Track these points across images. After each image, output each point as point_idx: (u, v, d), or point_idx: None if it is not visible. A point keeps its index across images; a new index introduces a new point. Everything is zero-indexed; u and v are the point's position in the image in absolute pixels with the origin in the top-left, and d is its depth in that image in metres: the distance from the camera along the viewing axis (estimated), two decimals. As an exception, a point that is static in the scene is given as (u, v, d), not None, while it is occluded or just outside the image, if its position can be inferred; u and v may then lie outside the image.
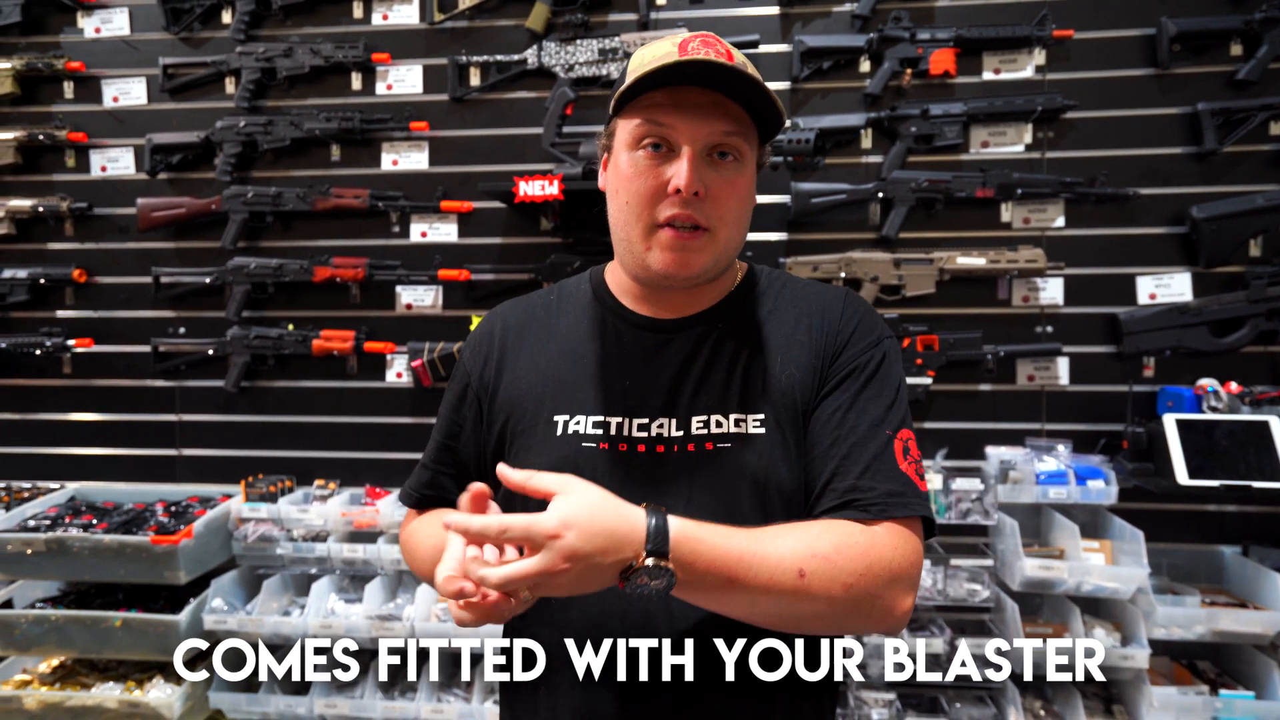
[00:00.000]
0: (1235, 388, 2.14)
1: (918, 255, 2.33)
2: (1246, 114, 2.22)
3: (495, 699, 2.22)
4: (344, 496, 2.46)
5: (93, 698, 2.23)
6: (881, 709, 2.15)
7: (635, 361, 0.97)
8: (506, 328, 1.05)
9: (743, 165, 0.93)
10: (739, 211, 0.95)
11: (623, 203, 0.94)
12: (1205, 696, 1.97)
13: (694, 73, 0.88)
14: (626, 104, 0.93)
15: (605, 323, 1.01)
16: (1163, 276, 2.30)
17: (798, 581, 0.81)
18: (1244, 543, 2.22)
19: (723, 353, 0.97)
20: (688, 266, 0.92)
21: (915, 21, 2.35)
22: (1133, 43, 2.30)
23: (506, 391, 1.00)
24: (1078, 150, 2.33)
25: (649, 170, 0.91)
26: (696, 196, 0.90)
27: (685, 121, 0.90)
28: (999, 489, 2.14)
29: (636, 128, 0.92)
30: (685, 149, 0.89)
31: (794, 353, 0.96)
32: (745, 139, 0.93)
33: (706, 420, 0.93)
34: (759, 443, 0.92)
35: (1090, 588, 2.04)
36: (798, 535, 0.84)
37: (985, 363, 2.31)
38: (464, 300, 2.52)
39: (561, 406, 0.96)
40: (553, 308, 1.05)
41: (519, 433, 0.98)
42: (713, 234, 0.92)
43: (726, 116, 0.90)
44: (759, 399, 0.94)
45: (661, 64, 0.87)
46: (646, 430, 0.94)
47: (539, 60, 2.45)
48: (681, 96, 0.90)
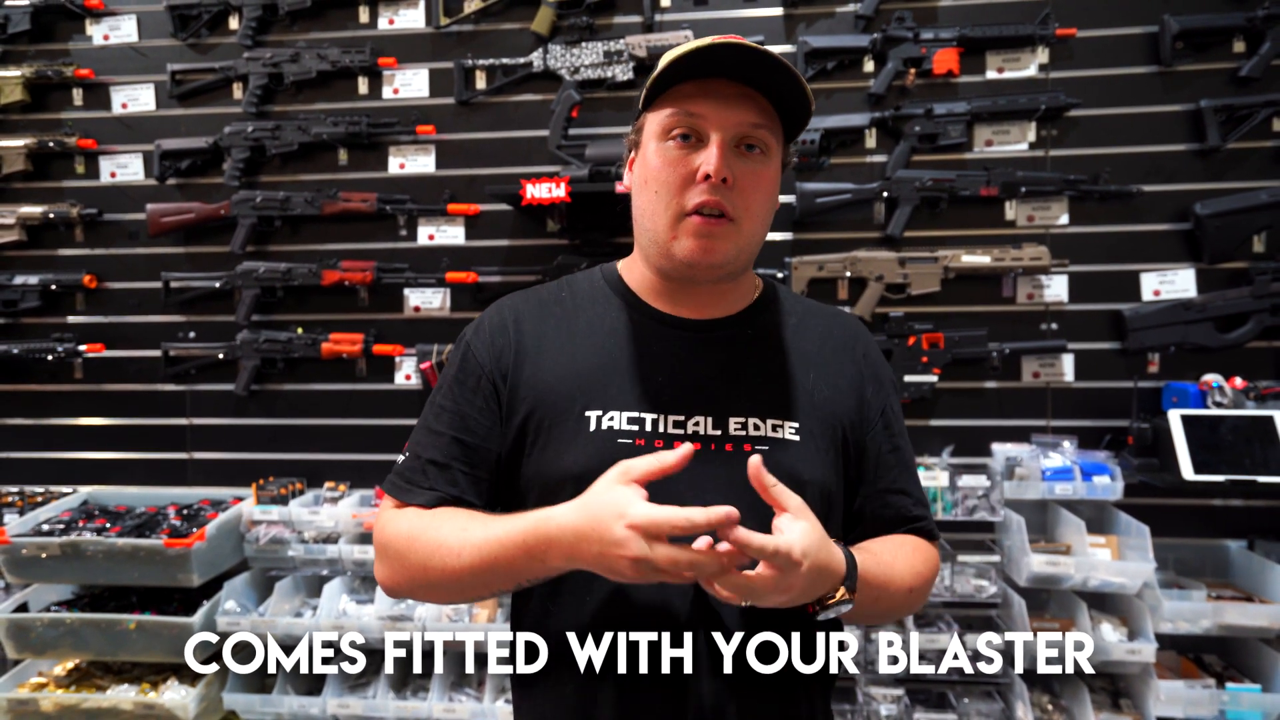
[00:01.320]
0: (1240, 383, 2.15)
1: (922, 254, 2.34)
2: (1249, 110, 2.23)
3: (507, 698, 2.24)
4: (354, 498, 2.48)
5: (108, 700, 2.25)
6: (890, 705, 2.17)
7: (668, 359, 0.98)
8: (520, 319, 1.02)
9: (769, 159, 0.95)
10: (763, 205, 0.97)
11: (651, 193, 0.95)
12: (1212, 690, 1.99)
13: (725, 57, 0.89)
14: (657, 96, 0.95)
15: (632, 319, 1.01)
16: (1167, 273, 2.31)
17: (907, 597, 0.99)
18: (1249, 537, 2.23)
19: (755, 358, 1.00)
20: (712, 254, 0.94)
21: (918, 21, 2.36)
22: (1135, 40, 2.32)
23: (530, 385, 0.98)
24: (1081, 148, 2.34)
25: (679, 159, 0.93)
26: (725, 184, 0.91)
27: (715, 110, 0.91)
28: (1005, 485, 2.15)
29: (667, 118, 0.94)
30: (715, 136, 0.92)
31: (826, 370, 1.02)
32: (772, 133, 0.95)
33: (744, 422, 0.95)
34: (794, 449, 0.96)
35: (1097, 583, 2.06)
36: (907, 559, 1.00)
37: (990, 360, 2.33)
38: (471, 302, 2.54)
39: (594, 402, 0.95)
40: (568, 303, 1.04)
41: (546, 428, 0.96)
42: (737, 224, 0.94)
43: (754, 108, 0.93)
44: (793, 408, 0.98)
45: (694, 47, 0.89)
46: (683, 428, 0.94)
47: (544, 63, 2.46)
48: (711, 88, 0.92)
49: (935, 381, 2.32)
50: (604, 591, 0.92)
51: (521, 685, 1.01)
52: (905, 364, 2.32)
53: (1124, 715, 2.06)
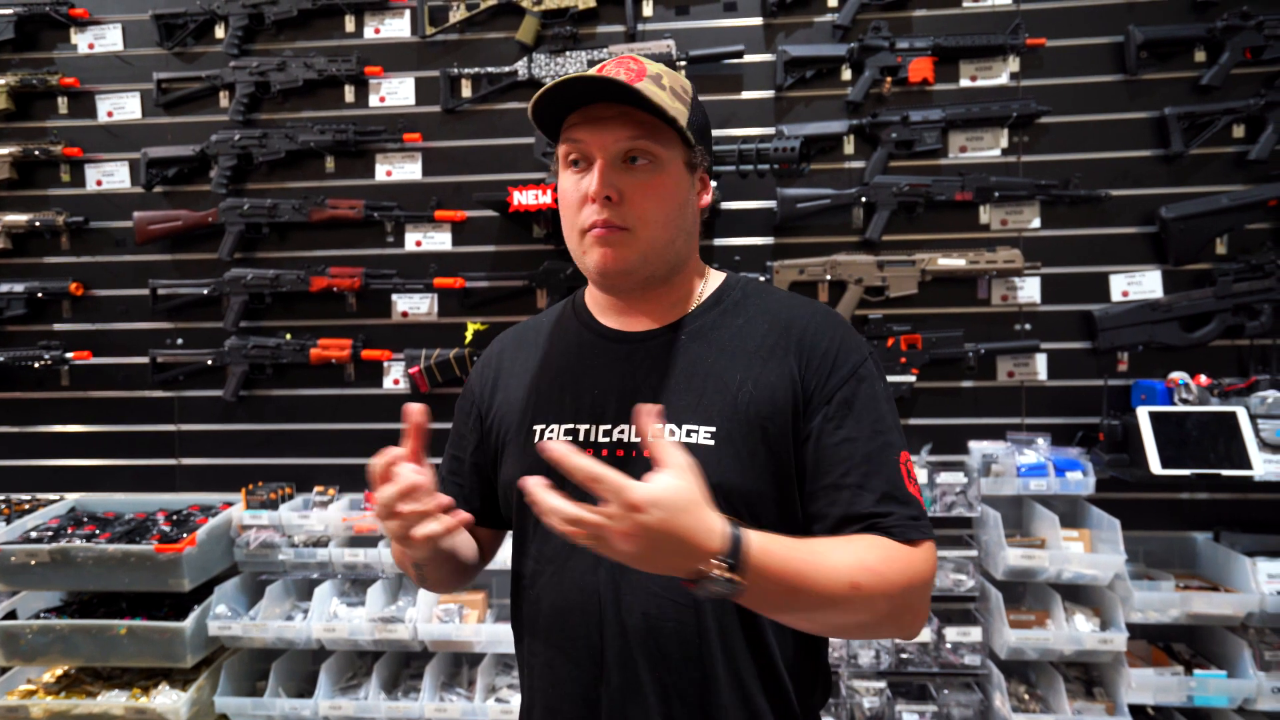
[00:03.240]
0: (1205, 380, 2.23)
1: (900, 257, 2.40)
2: (1211, 118, 2.31)
3: (497, 696, 2.27)
4: (344, 502, 2.51)
5: (99, 705, 2.26)
6: (872, 697, 2.22)
7: (603, 371, 1.04)
8: (504, 349, 1.16)
9: (658, 166, 0.99)
10: (660, 211, 0.99)
11: (564, 216, 1.03)
12: (1180, 677, 2.06)
13: (587, 86, 0.95)
14: (558, 131, 1.02)
15: (581, 337, 1.09)
16: (1134, 274, 2.39)
17: (851, 593, 0.86)
18: (1215, 529, 2.31)
19: (681, 364, 1.01)
20: (616, 261, 0.98)
21: (894, 31, 2.42)
22: (1102, 50, 2.39)
23: (499, 407, 1.11)
24: (1052, 154, 2.41)
25: (575, 184, 1.00)
26: (610, 201, 0.97)
27: (593, 134, 0.98)
28: (982, 482, 2.22)
29: (562, 148, 1.02)
30: (598, 158, 0.98)
31: (756, 368, 0.99)
32: (658, 142, 0.98)
33: (660, 429, 0.92)
34: (706, 454, 0.94)
35: (1070, 575, 2.12)
36: (849, 549, 0.89)
37: (967, 360, 2.39)
38: (459, 307, 2.57)
39: (539, 416, 1.05)
40: (543, 328, 1.15)
41: (506, 442, 1.08)
42: (633, 232, 0.98)
43: (631, 123, 0.97)
44: (712, 411, 0.98)
45: (548, 89, 0.95)
46: (610, 436, 1.00)
47: (529, 72, 2.51)
48: (590, 113, 0.98)
49: (913, 381, 2.38)
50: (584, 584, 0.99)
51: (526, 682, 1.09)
52: (884, 364, 2.38)
53: (1097, 703, 2.13)
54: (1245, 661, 2.03)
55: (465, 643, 2.28)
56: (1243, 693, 2.02)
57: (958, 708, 2.23)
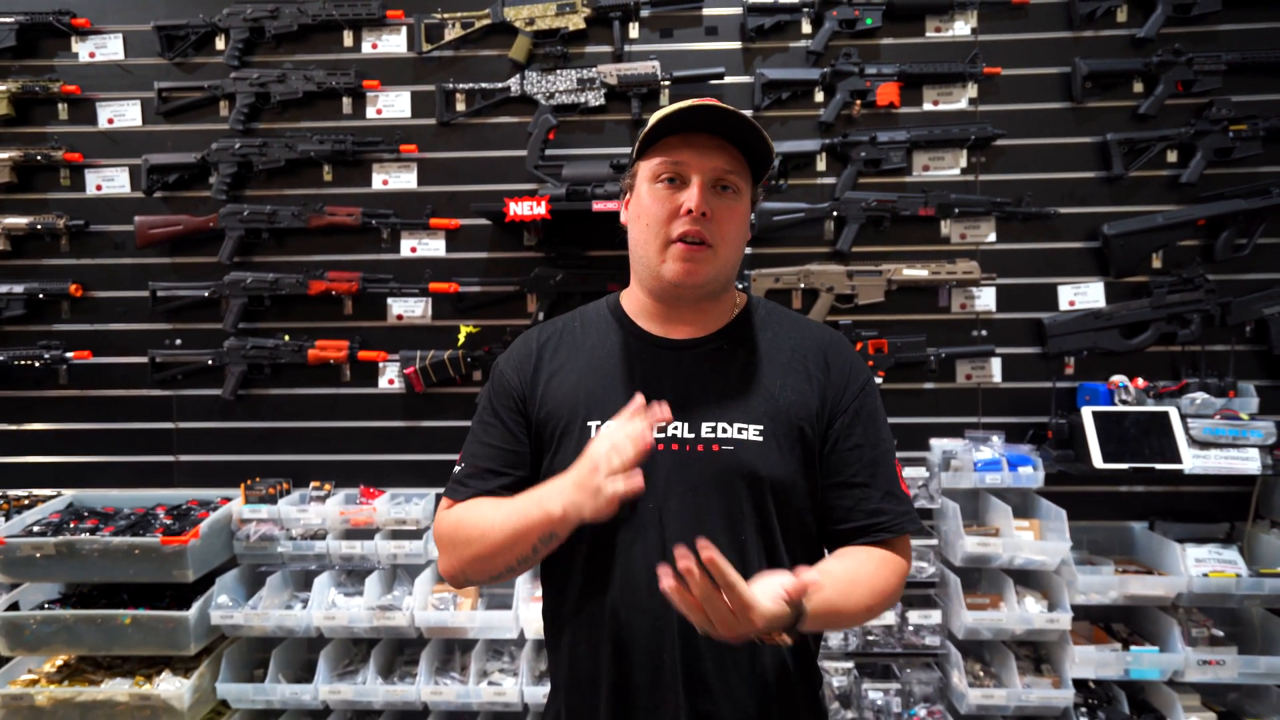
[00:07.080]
0: (1141, 383, 2.41)
1: (868, 267, 2.58)
2: (1148, 144, 2.53)
3: (489, 680, 2.39)
4: (340, 496, 2.61)
5: (103, 692, 2.33)
6: (841, 676, 2.38)
7: (655, 375, 1.18)
8: (542, 344, 1.24)
9: (740, 197, 1.17)
10: (736, 235, 1.17)
11: (643, 225, 1.16)
12: (1118, 652, 2.24)
13: (703, 116, 1.12)
14: (649, 148, 1.16)
15: (627, 341, 1.21)
16: (1080, 286, 2.59)
17: (865, 615, 1.11)
18: (1150, 518, 2.51)
19: (729, 369, 1.18)
20: (694, 275, 1.14)
21: (864, 58, 2.60)
22: (1051, 80, 2.60)
23: (545, 398, 1.19)
24: (1006, 174, 2.61)
25: (666, 198, 1.14)
26: (704, 216, 1.12)
27: (695, 158, 1.13)
28: (942, 476, 2.38)
29: (657, 165, 1.15)
30: (695, 179, 1.13)
31: (791, 378, 1.17)
32: (742, 177, 1.17)
33: (715, 426, 1.14)
34: (755, 448, 1.12)
35: (1021, 561, 2.30)
36: (868, 580, 1.11)
37: (928, 363, 2.58)
38: (452, 311, 2.69)
39: (594, 414, 1.15)
40: (578, 332, 1.25)
41: (558, 436, 1.17)
42: (715, 250, 1.14)
43: (727, 156, 1.14)
44: (759, 412, 1.14)
45: (679, 108, 1.11)
46: (664, 432, 1.13)
47: (521, 88, 2.64)
48: (692, 140, 1.14)
49: (880, 383, 2.55)
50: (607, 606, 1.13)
51: (564, 685, 1.20)
52: (853, 367, 2.56)
53: (1044, 678, 2.32)
54: (1175, 638, 2.22)
55: (459, 629, 2.40)
56: (1172, 666, 2.21)
57: (919, 685, 2.41)
